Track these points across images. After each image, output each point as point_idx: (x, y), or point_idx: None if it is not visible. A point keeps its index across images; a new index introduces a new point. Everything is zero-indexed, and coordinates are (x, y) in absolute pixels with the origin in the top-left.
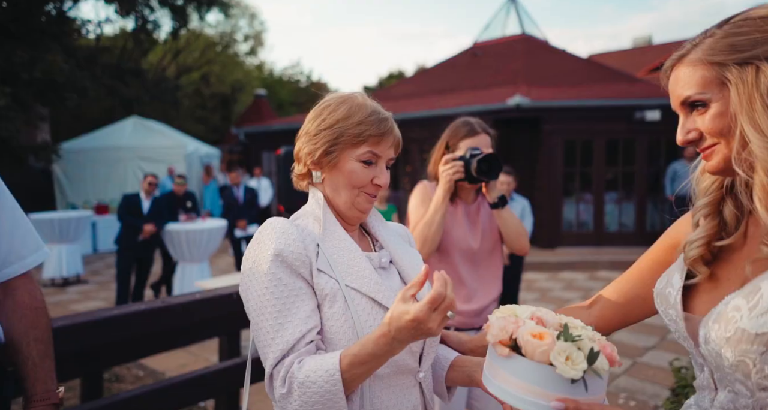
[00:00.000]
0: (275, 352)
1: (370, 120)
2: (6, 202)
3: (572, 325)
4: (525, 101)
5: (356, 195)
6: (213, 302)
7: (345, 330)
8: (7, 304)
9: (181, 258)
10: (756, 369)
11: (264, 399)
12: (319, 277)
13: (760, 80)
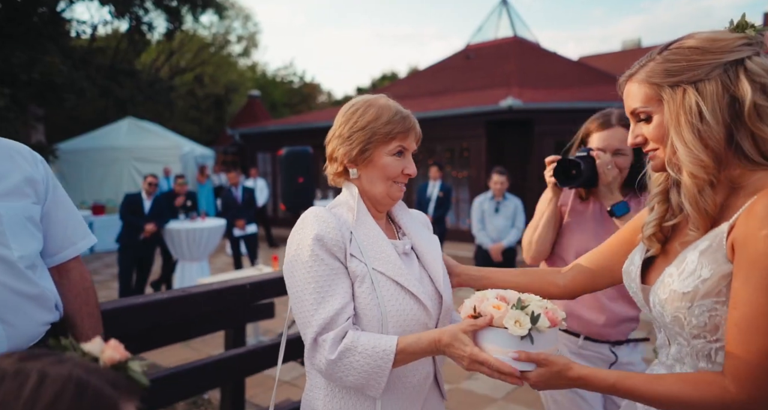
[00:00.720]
0: (318, 321)
1: (396, 119)
2: (61, 195)
3: (527, 298)
4: (517, 103)
5: (390, 185)
6: (228, 292)
7: (371, 307)
8: (62, 284)
9: (181, 256)
10: (686, 321)
11: (266, 391)
12: (351, 261)
13: (685, 100)
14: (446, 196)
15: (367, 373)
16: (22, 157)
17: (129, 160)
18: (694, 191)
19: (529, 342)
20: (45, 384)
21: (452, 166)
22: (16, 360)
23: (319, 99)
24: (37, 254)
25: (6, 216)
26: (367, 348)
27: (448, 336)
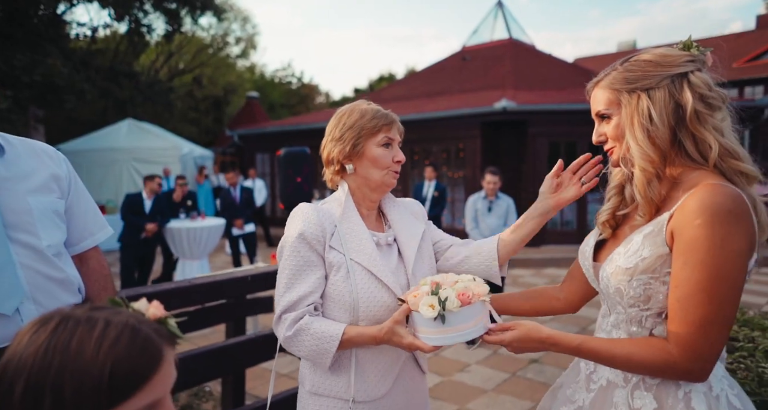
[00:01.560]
0: (283, 304)
1: (379, 115)
2: (81, 190)
3: (460, 280)
4: (511, 105)
5: (384, 174)
6: (230, 283)
7: (344, 293)
8: (83, 271)
9: (182, 255)
10: (626, 292)
11: (265, 384)
12: (329, 252)
13: (639, 105)
14: (441, 196)
15: (314, 352)
16: (47, 156)
17: (129, 160)
18: (643, 182)
19: (441, 322)
20: (109, 328)
21: (448, 167)
22: (87, 310)
23: (317, 100)
24: (61, 243)
25: (36, 210)
26: (317, 332)
27: (384, 332)
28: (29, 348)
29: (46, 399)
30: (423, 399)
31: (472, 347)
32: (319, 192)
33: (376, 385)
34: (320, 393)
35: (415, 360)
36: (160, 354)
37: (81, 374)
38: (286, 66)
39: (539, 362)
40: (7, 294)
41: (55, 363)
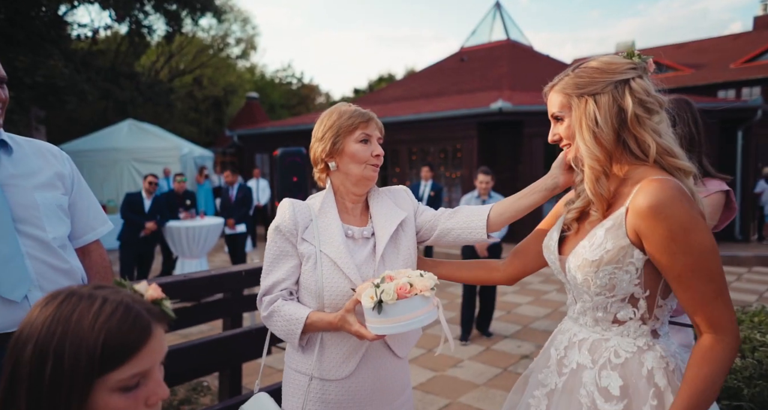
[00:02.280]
0: (263, 287)
1: (356, 113)
2: (84, 188)
3: (410, 275)
4: (507, 105)
5: (363, 168)
6: (226, 278)
7: (312, 281)
8: (85, 263)
9: (181, 253)
10: (593, 282)
11: (261, 378)
12: (301, 244)
13: (587, 108)
14: (437, 195)
15: (285, 332)
16: (52, 155)
17: (129, 161)
18: (592, 179)
19: (378, 313)
20: (106, 304)
21: (445, 167)
22: (90, 288)
23: (318, 100)
24: (66, 236)
25: (42, 205)
26: (286, 314)
27: (338, 319)
28: (39, 317)
29: (49, 362)
30: (397, 383)
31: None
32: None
33: (340, 366)
34: (293, 368)
35: (386, 345)
36: (149, 330)
37: (78, 342)
38: (286, 66)
39: (530, 358)
40: (16, 282)
41: (59, 331)
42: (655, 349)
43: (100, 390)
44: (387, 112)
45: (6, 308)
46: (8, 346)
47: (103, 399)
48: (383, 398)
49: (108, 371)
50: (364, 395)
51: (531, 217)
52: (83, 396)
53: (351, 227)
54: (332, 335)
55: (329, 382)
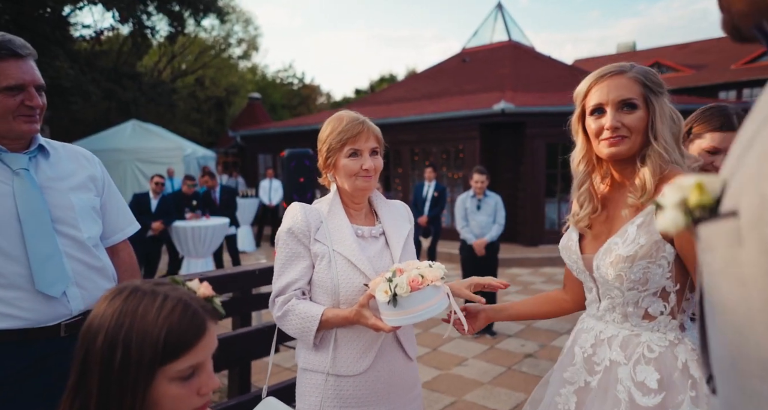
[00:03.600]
0: (276, 289)
1: (345, 128)
2: (114, 190)
3: (419, 267)
4: (509, 106)
5: (354, 179)
6: (240, 276)
7: (326, 279)
8: (114, 262)
9: (187, 253)
10: (626, 277)
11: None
12: (314, 244)
13: (664, 107)
14: (441, 196)
15: (300, 330)
16: (85, 158)
17: (132, 161)
18: (654, 174)
19: (393, 306)
20: (167, 300)
21: (447, 167)
22: (151, 285)
23: (319, 100)
24: (98, 236)
25: (78, 206)
26: (301, 312)
27: (354, 314)
28: (108, 309)
29: (118, 350)
30: (409, 382)
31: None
32: (321, 191)
33: (356, 362)
34: (308, 369)
35: (399, 344)
36: (204, 326)
37: (144, 334)
38: (288, 67)
39: (534, 356)
40: (56, 279)
41: (126, 323)
42: (684, 342)
43: (161, 379)
44: (389, 113)
45: (46, 303)
46: (79, 336)
47: (162, 387)
48: (398, 392)
49: (168, 362)
50: (381, 389)
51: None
52: (147, 383)
53: (360, 227)
54: (346, 333)
55: (346, 378)
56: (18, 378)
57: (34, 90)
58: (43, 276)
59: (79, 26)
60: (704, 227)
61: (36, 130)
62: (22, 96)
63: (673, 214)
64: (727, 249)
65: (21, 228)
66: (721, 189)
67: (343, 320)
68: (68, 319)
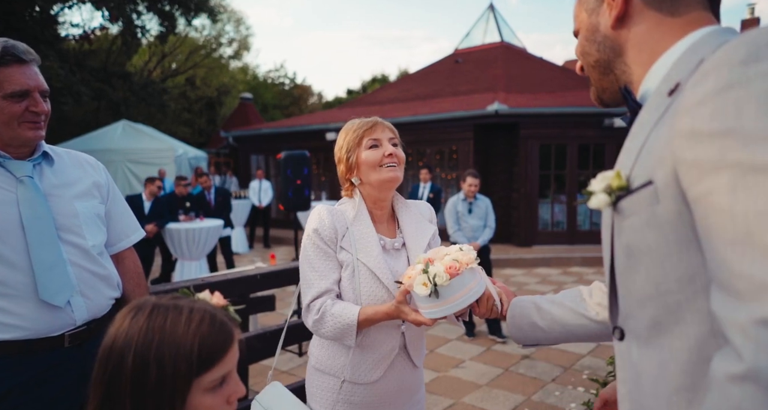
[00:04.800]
0: (313, 293)
1: (359, 125)
2: (118, 197)
3: (449, 252)
4: (503, 108)
5: (380, 171)
6: (241, 282)
7: (349, 289)
8: (119, 269)
9: (181, 255)
10: None
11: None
12: (340, 252)
13: None
14: (436, 197)
15: (339, 330)
16: (89, 165)
17: (124, 162)
18: None
19: (436, 298)
20: (193, 313)
21: (441, 168)
22: (170, 299)
23: (310, 100)
24: (103, 244)
25: (82, 213)
26: (338, 313)
27: (393, 310)
28: (132, 328)
29: (152, 368)
30: (414, 389)
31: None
32: (315, 193)
33: (369, 371)
34: (321, 369)
35: (407, 354)
36: (232, 334)
37: (177, 348)
38: (279, 67)
39: (531, 358)
40: (60, 288)
41: (156, 339)
42: None
43: (195, 390)
44: (383, 114)
45: (49, 313)
46: (100, 357)
47: (197, 399)
48: (403, 397)
49: (202, 372)
50: (388, 397)
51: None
52: (184, 396)
53: (384, 238)
54: (364, 342)
55: (359, 386)
56: (22, 390)
57: (39, 95)
58: (47, 285)
59: (68, 25)
60: (625, 201)
61: (41, 137)
62: (27, 102)
63: (601, 196)
64: (648, 208)
65: (25, 236)
66: (626, 177)
67: (384, 315)
68: (72, 330)
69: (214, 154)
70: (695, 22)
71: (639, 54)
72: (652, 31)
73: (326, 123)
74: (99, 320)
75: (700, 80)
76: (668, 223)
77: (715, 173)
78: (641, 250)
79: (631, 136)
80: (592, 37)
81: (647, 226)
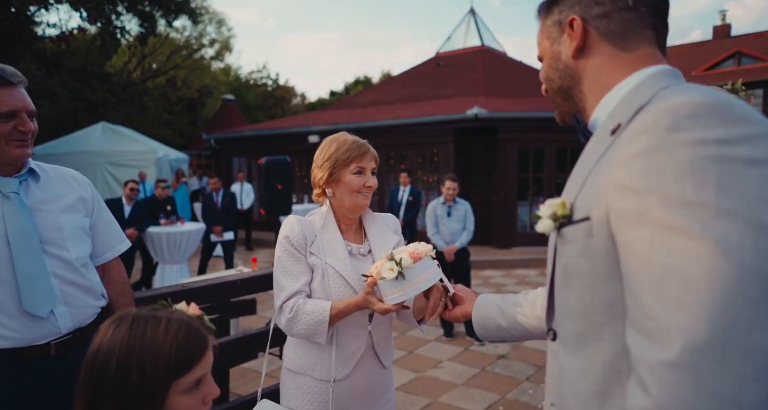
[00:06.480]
0: (286, 294)
1: (352, 147)
2: (103, 209)
3: (405, 248)
4: (482, 112)
5: (356, 196)
6: (221, 287)
7: (320, 291)
8: (105, 279)
9: (161, 259)
10: None
11: (247, 382)
12: (310, 257)
13: None
14: (416, 200)
15: (312, 326)
16: (75, 180)
17: (103, 164)
18: None
19: (403, 279)
20: (171, 322)
21: (423, 171)
22: (149, 310)
23: (293, 102)
24: (87, 255)
25: (67, 227)
26: (311, 311)
27: (361, 300)
28: (115, 337)
29: (133, 372)
30: (383, 389)
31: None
32: (298, 196)
33: (337, 369)
34: (292, 370)
35: (375, 354)
36: (207, 341)
37: (156, 354)
38: (262, 68)
39: (507, 358)
40: (43, 299)
41: (137, 346)
42: None
43: (173, 392)
44: (365, 117)
45: (33, 323)
46: (85, 365)
47: (175, 400)
48: (371, 396)
49: (180, 376)
50: (356, 396)
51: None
52: (163, 398)
53: (350, 244)
54: (332, 341)
55: (328, 383)
56: (10, 400)
57: (26, 115)
58: (30, 296)
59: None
60: (566, 228)
61: (28, 155)
62: (15, 122)
63: (547, 221)
64: (584, 240)
65: (10, 250)
66: (570, 206)
67: (354, 307)
68: (58, 338)
69: (196, 156)
70: (643, 58)
71: (593, 85)
72: (605, 64)
73: (308, 125)
74: (84, 329)
75: (632, 139)
76: (599, 256)
77: (639, 226)
78: (575, 274)
79: (579, 164)
80: (555, 65)
81: (582, 255)
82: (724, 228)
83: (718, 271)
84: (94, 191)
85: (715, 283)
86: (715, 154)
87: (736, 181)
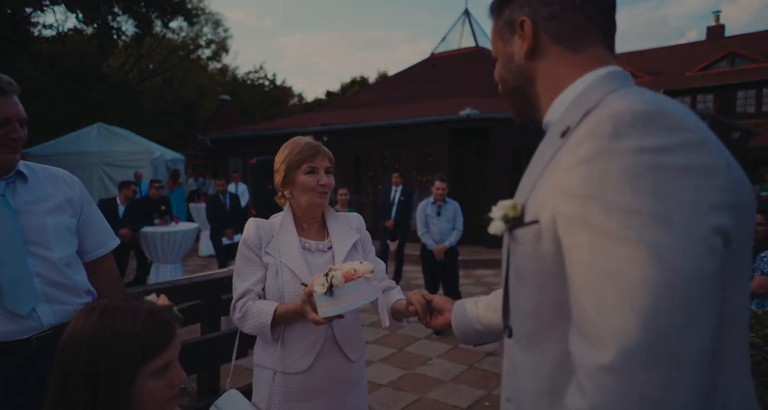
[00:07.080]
0: (237, 294)
1: (304, 149)
2: (93, 208)
3: (350, 265)
4: (474, 113)
5: (310, 195)
6: (209, 284)
7: (274, 287)
8: (97, 275)
9: (156, 259)
10: None
11: (239, 379)
12: (265, 256)
13: None
14: (408, 200)
15: (257, 327)
16: (63, 181)
17: (99, 165)
18: None
19: (330, 295)
20: (139, 312)
21: (417, 171)
22: (119, 301)
23: (290, 102)
24: (72, 255)
25: (53, 228)
26: (257, 310)
27: (299, 308)
28: (86, 325)
29: (102, 358)
30: (351, 383)
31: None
32: None
33: (298, 361)
34: (259, 364)
35: (338, 347)
36: (173, 330)
37: (124, 341)
38: (258, 68)
39: (495, 355)
40: (24, 298)
41: (107, 334)
42: None
43: (141, 376)
44: (361, 118)
45: (15, 320)
46: (58, 352)
47: (143, 382)
48: (337, 390)
49: (147, 362)
50: (323, 386)
51: None
52: (131, 382)
53: (308, 241)
54: (291, 333)
55: (290, 375)
56: None
57: (17, 123)
58: (12, 295)
59: (41, 27)
60: (517, 230)
61: (16, 160)
62: (6, 129)
63: (499, 223)
64: (533, 241)
65: None
66: (521, 208)
67: (293, 313)
68: (39, 333)
69: (192, 156)
70: (592, 60)
71: (546, 86)
72: (556, 66)
73: (304, 126)
74: (66, 324)
75: (576, 144)
76: (547, 258)
77: (581, 231)
78: (526, 275)
79: (531, 166)
80: (508, 66)
81: (531, 257)
82: (658, 235)
83: (651, 278)
84: (83, 191)
85: (648, 289)
86: (653, 162)
87: (672, 188)
